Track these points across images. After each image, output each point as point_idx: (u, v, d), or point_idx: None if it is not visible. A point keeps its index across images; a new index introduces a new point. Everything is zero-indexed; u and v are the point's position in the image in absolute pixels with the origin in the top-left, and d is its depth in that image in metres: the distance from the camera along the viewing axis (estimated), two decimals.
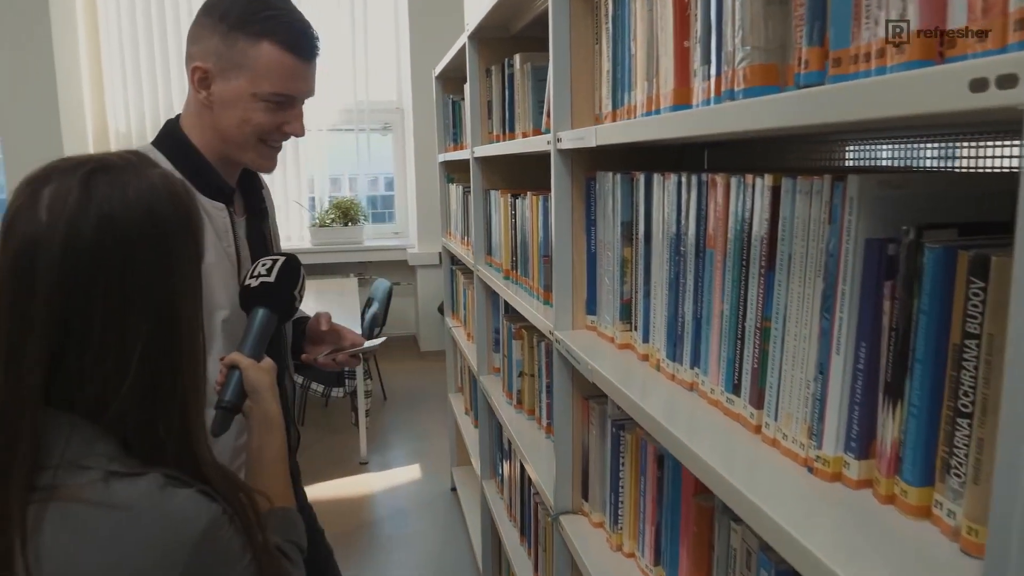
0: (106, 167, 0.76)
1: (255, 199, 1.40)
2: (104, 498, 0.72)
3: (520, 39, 2.29)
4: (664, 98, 1.02)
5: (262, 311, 1.17)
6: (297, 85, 1.24)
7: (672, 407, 1.05)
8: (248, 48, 1.20)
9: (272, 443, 1.05)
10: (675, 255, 1.11)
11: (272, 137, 1.28)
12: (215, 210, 1.27)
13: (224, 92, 1.22)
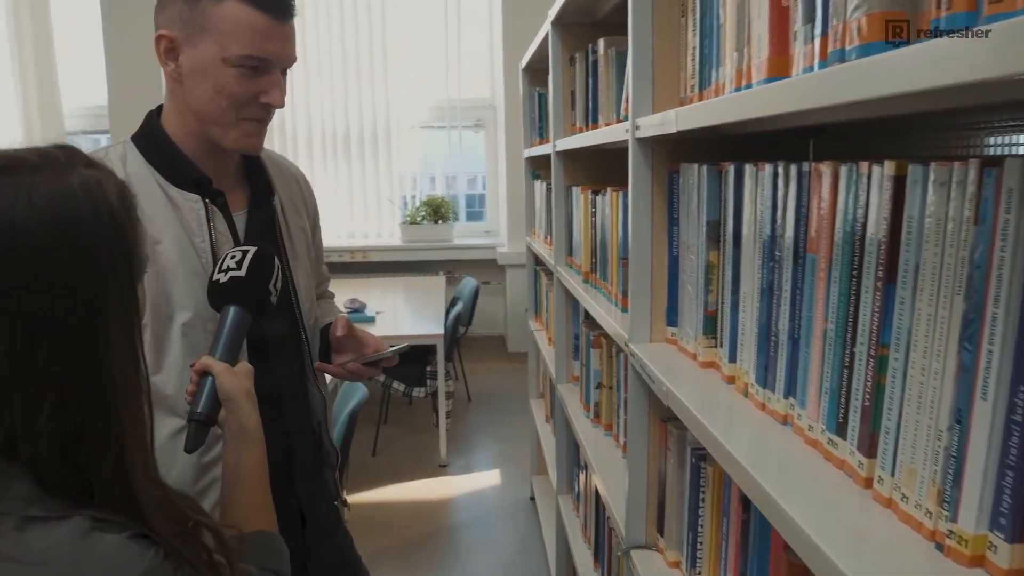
0: (13, 167, 0.65)
1: (261, 191, 1.27)
2: (16, 551, 0.61)
3: (607, 24, 2.12)
4: (757, 70, 0.84)
5: (234, 309, 1.04)
6: (270, 46, 1.11)
7: (760, 446, 0.87)
8: (212, 7, 1.08)
9: (249, 457, 0.93)
10: (769, 260, 0.93)
11: (249, 111, 1.14)
12: (186, 202, 1.16)
13: (192, 61, 1.11)
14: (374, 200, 6.01)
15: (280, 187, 1.31)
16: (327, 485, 1.38)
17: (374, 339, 1.33)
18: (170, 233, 1.14)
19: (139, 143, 1.19)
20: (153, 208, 1.13)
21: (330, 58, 5.81)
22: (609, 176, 2.18)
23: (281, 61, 1.13)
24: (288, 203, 1.32)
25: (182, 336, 1.13)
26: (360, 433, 3.93)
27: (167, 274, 1.12)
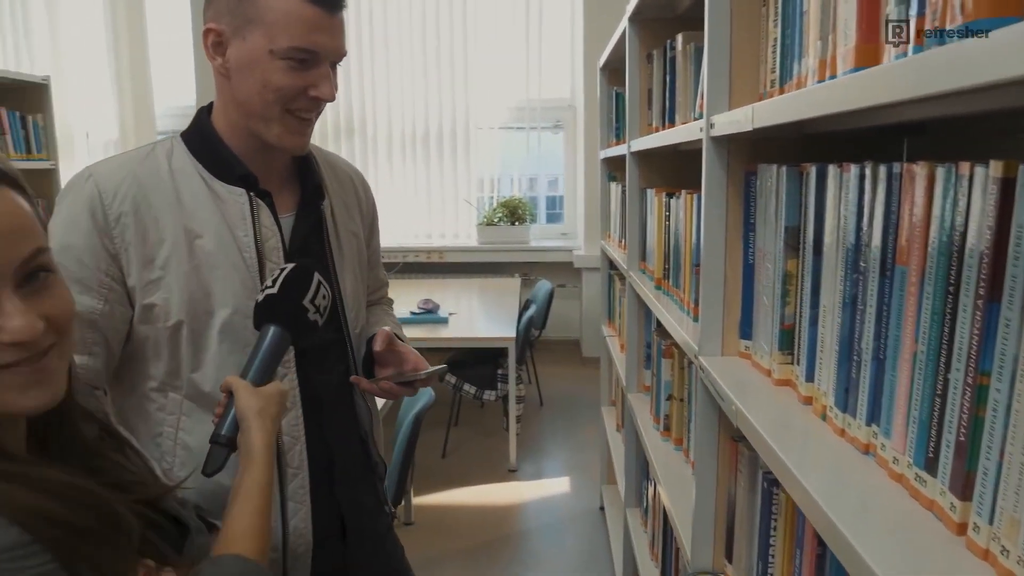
0: None
1: (313, 193, 1.24)
2: None
3: (686, 19, 2.03)
4: (842, 60, 0.75)
5: (272, 328, 1.01)
6: (320, 38, 1.07)
7: (837, 477, 0.78)
8: (258, 0, 1.05)
9: (248, 478, 0.90)
10: (852, 271, 0.84)
11: (298, 104, 1.10)
12: (230, 196, 1.14)
13: (240, 54, 1.08)
14: (452, 201, 6.02)
15: (334, 190, 1.28)
16: (373, 495, 1.34)
17: (415, 356, 1.28)
18: (211, 226, 1.12)
19: (187, 139, 1.18)
20: (195, 202, 1.12)
21: (411, 58, 5.85)
22: (686, 178, 2.09)
23: (330, 54, 1.10)
24: (340, 206, 1.29)
25: (220, 333, 1.12)
26: (430, 434, 3.94)
27: (207, 269, 1.11)
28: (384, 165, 5.95)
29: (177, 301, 1.10)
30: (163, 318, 1.11)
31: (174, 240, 1.10)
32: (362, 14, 5.80)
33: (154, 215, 1.10)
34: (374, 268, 1.43)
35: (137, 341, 1.13)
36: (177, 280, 1.10)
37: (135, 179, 1.11)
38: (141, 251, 1.09)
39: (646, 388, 2.25)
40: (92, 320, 1.09)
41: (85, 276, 1.08)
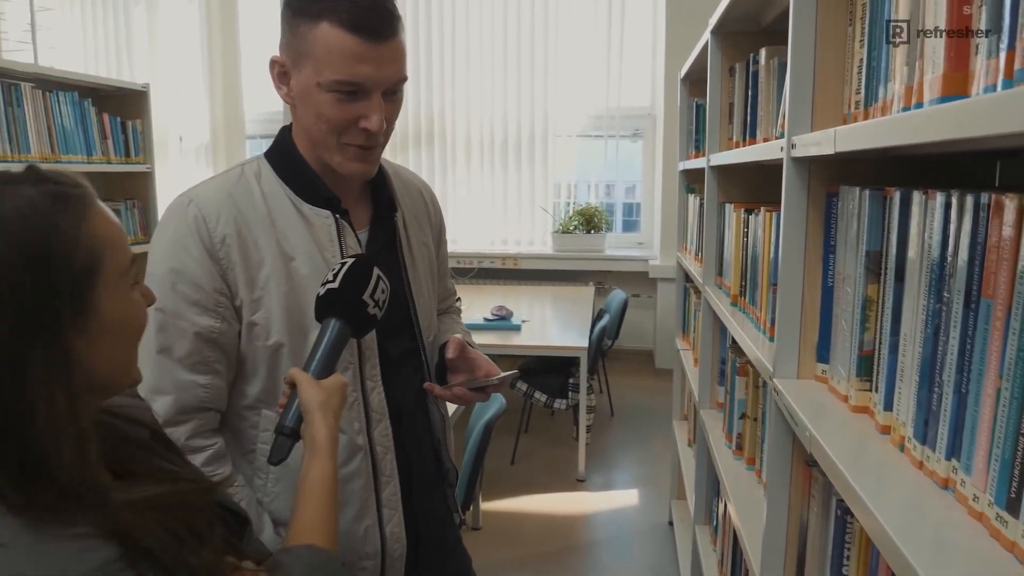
0: None
1: (385, 207, 1.26)
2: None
3: (770, 32, 2.00)
4: (929, 88, 0.74)
5: (332, 322, 1.03)
6: (363, 69, 1.06)
7: (913, 512, 0.76)
8: (308, 32, 1.06)
9: (314, 469, 0.92)
10: (935, 300, 0.82)
11: (349, 136, 1.11)
12: (317, 218, 1.17)
13: (298, 86, 1.10)
14: (528, 207, 6.05)
15: (405, 203, 1.30)
16: (444, 503, 1.37)
17: (486, 362, 1.30)
18: (303, 249, 1.15)
19: (272, 160, 1.20)
20: (287, 224, 1.15)
21: (492, 65, 5.92)
22: (766, 194, 2.06)
23: (377, 84, 1.08)
24: (411, 218, 1.31)
25: None
26: (499, 441, 3.97)
27: (301, 290, 1.14)
28: (462, 171, 6.03)
29: (276, 320, 1.13)
30: (264, 336, 1.14)
31: (272, 261, 1.13)
32: (444, 21, 5.90)
33: (253, 237, 1.13)
34: (443, 278, 1.46)
35: (238, 360, 1.17)
36: (277, 300, 1.13)
37: (233, 202, 1.14)
38: (245, 271, 1.12)
39: (719, 405, 2.22)
40: (213, 339, 1.12)
41: (202, 298, 1.11)
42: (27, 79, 3.15)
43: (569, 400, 3.85)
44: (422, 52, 5.95)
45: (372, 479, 1.20)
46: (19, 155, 3.06)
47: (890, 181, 0.99)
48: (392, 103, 1.13)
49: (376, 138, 1.12)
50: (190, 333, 1.11)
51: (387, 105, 1.11)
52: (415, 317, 1.28)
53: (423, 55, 5.95)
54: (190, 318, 1.11)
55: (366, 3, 1.05)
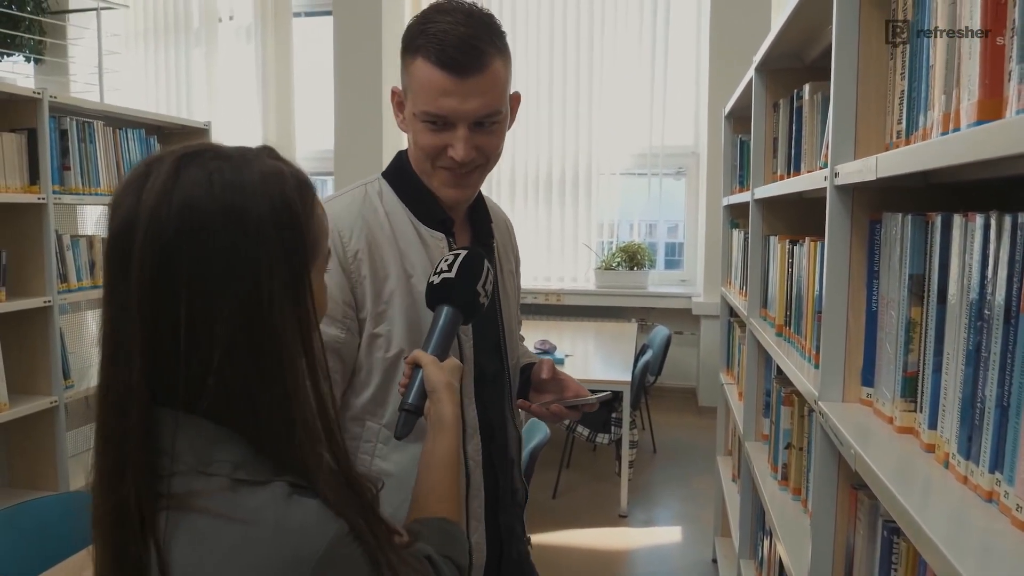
0: (208, 154, 0.72)
1: (483, 234, 1.34)
2: (227, 509, 0.68)
3: (813, 69, 2.04)
4: (965, 113, 0.78)
5: (446, 309, 1.10)
6: (447, 103, 1.13)
7: (959, 524, 0.78)
8: (409, 65, 1.16)
9: (441, 445, 0.97)
10: (976, 319, 0.85)
11: (441, 162, 1.19)
12: (432, 239, 1.24)
13: (407, 115, 1.20)
14: (571, 244, 6.11)
15: (496, 232, 1.38)
16: (520, 521, 1.42)
17: (575, 383, 1.35)
18: (420, 268, 1.21)
19: (391, 180, 1.28)
20: (407, 243, 1.23)
21: (537, 104, 6.03)
22: (810, 226, 2.08)
23: (461, 117, 1.14)
24: (502, 247, 1.39)
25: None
26: (542, 475, 3.97)
27: (420, 306, 1.19)
28: (507, 207, 6.05)
29: (398, 333, 1.20)
30: (385, 347, 1.20)
31: (395, 277, 1.20)
32: None
33: (380, 253, 1.20)
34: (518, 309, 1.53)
35: (353, 371, 1.22)
36: (400, 313, 1.20)
37: (363, 219, 1.21)
38: (373, 285, 1.19)
39: (764, 437, 2.22)
40: (336, 349, 1.17)
41: (332, 309, 1.15)
42: (98, 117, 3.33)
43: (612, 435, 3.85)
44: None
45: (464, 491, 1.25)
46: (91, 188, 3.22)
47: (931, 208, 1.02)
48: (486, 134, 1.18)
49: (465, 166, 1.18)
50: None
51: (480, 135, 1.17)
52: (504, 340, 1.35)
53: None
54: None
55: (454, 40, 1.11)
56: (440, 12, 1.14)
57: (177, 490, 0.69)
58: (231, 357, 0.69)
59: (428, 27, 1.13)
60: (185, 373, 0.70)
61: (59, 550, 1.72)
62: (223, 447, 0.71)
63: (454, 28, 1.12)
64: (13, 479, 3.16)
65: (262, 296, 0.70)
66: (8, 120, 2.93)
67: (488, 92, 1.15)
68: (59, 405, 3.06)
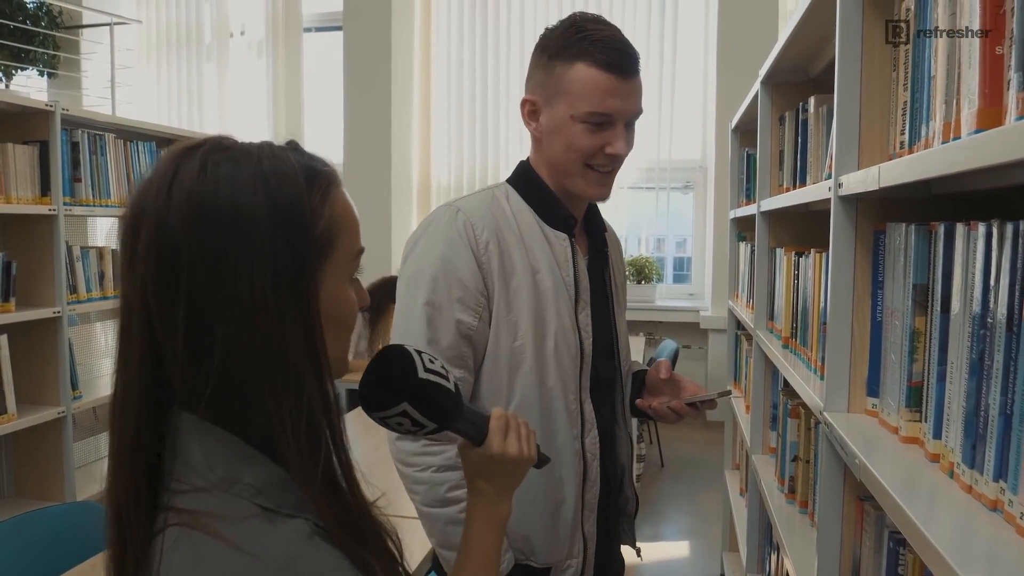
0: (207, 147, 0.70)
1: (598, 241, 1.40)
2: (240, 539, 0.64)
3: (819, 82, 2.05)
4: (966, 122, 0.78)
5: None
6: (613, 103, 1.21)
7: (964, 533, 0.78)
8: (565, 72, 1.22)
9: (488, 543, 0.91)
10: (980, 328, 0.85)
11: (596, 160, 1.25)
12: (557, 240, 1.29)
13: (549, 121, 1.25)
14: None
15: (609, 241, 1.44)
16: (630, 530, 1.46)
17: (692, 383, 1.41)
18: (545, 264, 1.27)
19: (516, 186, 1.34)
20: (533, 241, 1.28)
21: None
22: (816, 238, 2.08)
23: (623, 115, 1.23)
24: (615, 258, 1.45)
25: (553, 353, 1.26)
26: None
27: (544, 300, 1.26)
28: None
29: (525, 322, 1.25)
30: (512, 336, 1.25)
31: (522, 271, 1.26)
32: (500, 75, 6.08)
33: (508, 248, 1.26)
34: None
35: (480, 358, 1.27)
36: (526, 305, 1.25)
37: (492, 216, 1.27)
38: (501, 277, 1.24)
39: (771, 450, 2.22)
40: (469, 335, 1.24)
41: (465, 295, 1.23)
42: (109, 129, 3.36)
43: None
44: (478, 103, 6.13)
45: (582, 481, 1.29)
46: (101, 200, 3.25)
47: (934, 218, 1.02)
48: (631, 133, 1.28)
49: (617, 162, 1.27)
50: (453, 327, 1.22)
51: (629, 135, 1.27)
52: (617, 347, 1.40)
53: (479, 106, 6.13)
54: (454, 313, 1.22)
55: (617, 45, 1.22)
56: (590, 21, 1.24)
57: (195, 507, 0.66)
58: (230, 359, 0.66)
59: (588, 35, 1.21)
60: (187, 374, 0.67)
61: (65, 560, 1.72)
62: (250, 468, 0.68)
63: (614, 34, 1.22)
64: (20, 489, 3.16)
65: (255, 295, 0.66)
66: (21, 132, 2.96)
67: (640, 93, 1.27)
68: (67, 416, 3.07)
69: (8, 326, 2.87)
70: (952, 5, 0.85)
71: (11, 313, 2.84)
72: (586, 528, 1.32)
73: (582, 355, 1.29)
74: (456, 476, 1.18)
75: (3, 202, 2.81)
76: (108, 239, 3.92)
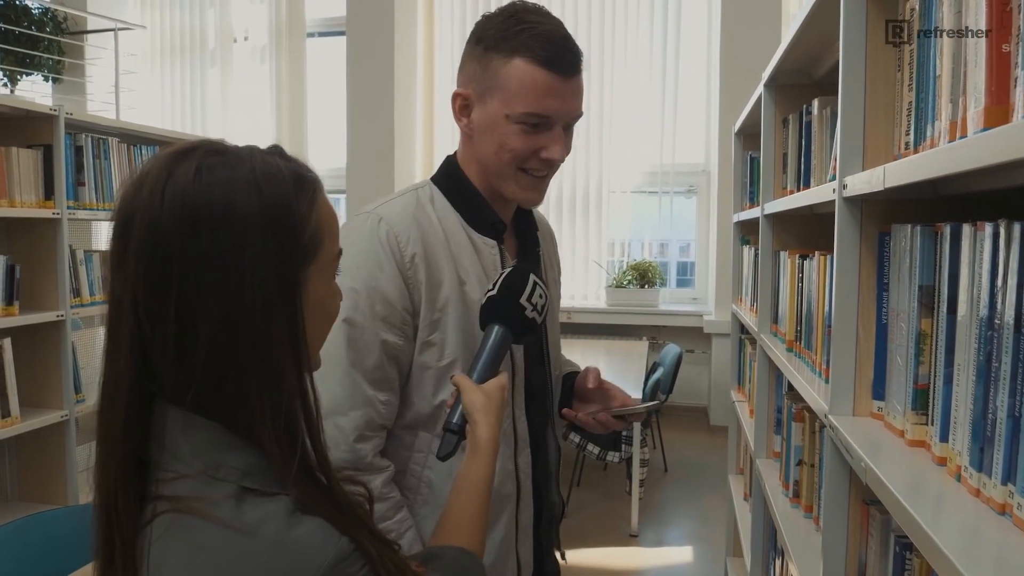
0: (202, 150, 0.72)
1: (529, 243, 1.32)
2: (230, 518, 0.66)
3: (822, 85, 2.05)
4: (972, 121, 0.77)
5: (495, 327, 1.08)
6: (552, 103, 1.13)
7: (972, 537, 0.77)
8: (501, 67, 1.12)
9: (473, 470, 0.96)
10: (987, 329, 0.84)
11: (530, 164, 1.17)
12: (485, 247, 1.22)
13: (481, 118, 1.17)
14: (582, 262, 6.11)
15: (542, 240, 1.36)
16: (555, 537, 1.41)
17: (621, 392, 1.32)
18: (473, 274, 1.20)
19: (441, 185, 1.25)
20: (460, 249, 1.20)
21: None
22: (820, 241, 2.07)
23: (562, 117, 1.15)
24: (546, 256, 1.36)
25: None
26: None
27: (472, 314, 1.17)
28: None
29: (452, 340, 1.17)
30: (438, 356, 1.17)
31: (449, 283, 1.17)
32: None
33: (435, 259, 1.17)
34: None
35: (407, 379, 1.19)
36: (454, 321, 1.17)
37: (417, 224, 1.18)
38: (428, 291, 1.16)
39: (775, 454, 2.20)
40: (394, 355, 1.15)
41: (390, 314, 1.14)
42: (113, 134, 3.36)
43: (622, 453, 3.82)
44: None
45: (516, 503, 1.24)
46: (104, 203, 3.25)
47: (940, 219, 1.01)
48: (568, 136, 1.19)
49: (552, 167, 1.18)
50: (377, 348, 1.13)
51: (567, 137, 1.18)
52: (547, 351, 1.33)
53: None
54: (378, 333, 1.13)
55: (559, 41, 1.12)
56: (530, 12, 1.14)
57: (182, 493, 0.69)
58: (217, 356, 0.69)
59: (527, 28, 1.11)
60: (174, 369, 0.69)
61: (68, 563, 1.72)
62: (234, 454, 0.70)
63: (556, 29, 1.13)
64: (23, 492, 3.16)
65: (245, 295, 0.68)
66: (25, 136, 2.97)
67: (581, 94, 1.18)
68: (70, 419, 3.07)
69: (11, 329, 2.87)
70: (957, 4, 0.84)
71: (15, 316, 2.84)
72: (521, 553, 1.25)
73: (513, 368, 1.21)
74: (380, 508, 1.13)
75: (7, 206, 2.81)
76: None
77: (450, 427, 1.02)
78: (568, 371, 1.43)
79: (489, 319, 1.09)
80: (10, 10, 6.01)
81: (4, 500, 3.13)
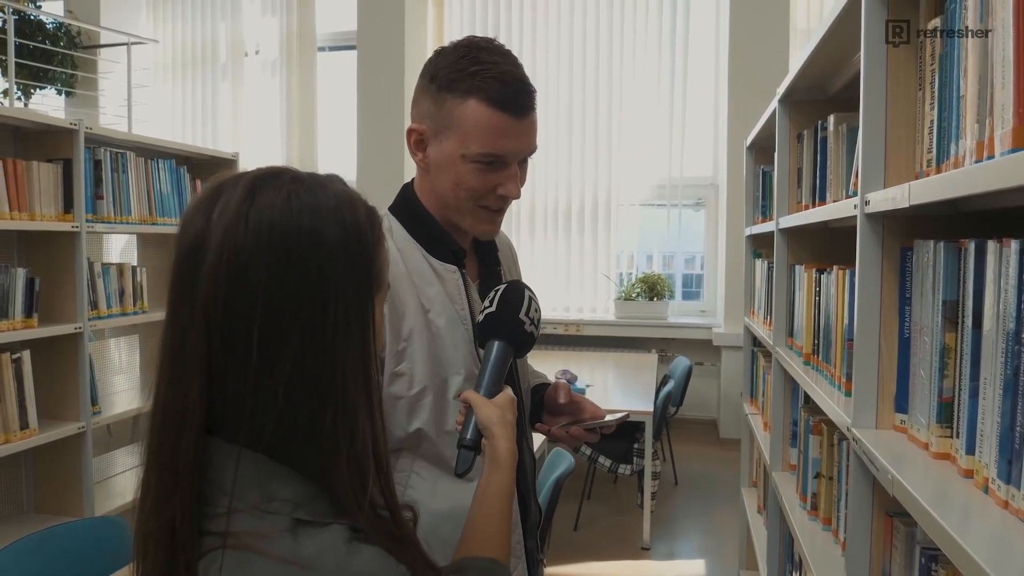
0: (285, 176, 0.72)
1: (490, 262, 1.34)
2: (287, 552, 0.66)
3: (838, 100, 2.07)
4: (1000, 142, 0.79)
5: (496, 343, 1.10)
6: (507, 143, 1.15)
7: (1003, 547, 0.79)
8: (455, 107, 1.14)
9: (494, 482, 0.97)
10: (1014, 345, 0.86)
11: (486, 201, 1.19)
12: (447, 273, 1.23)
13: (437, 155, 1.18)
14: (591, 275, 6.13)
15: (501, 257, 1.38)
16: (535, 543, 1.41)
17: (591, 405, 1.33)
18: (438, 301, 1.21)
19: (399, 215, 1.26)
20: (421, 279, 1.21)
21: (556, 135, 6.08)
22: (835, 255, 2.10)
23: (517, 155, 1.18)
24: (506, 272, 1.38)
25: (456, 399, 1.18)
26: (563, 506, 3.93)
27: (439, 340, 1.19)
28: (526, 238, 6.16)
29: (420, 370, 1.18)
30: (407, 386, 1.18)
31: (413, 313, 1.18)
32: None
33: (397, 290, 1.17)
34: None
35: None
36: (420, 350, 1.18)
37: None
38: (391, 323, 1.16)
39: (792, 466, 2.21)
40: None
41: None
42: (130, 148, 3.40)
43: (634, 466, 3.83)
44: None
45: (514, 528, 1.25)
46: (122, 217, 3.28)
47: (959, 235, 1.03)
48: (523, 170, 1.21)
49: (507, 202, 1.21)
50: None
51: (521, 172, 1.21)
52: (514, 366, 1.32)
53: None
54: None
55: (513, 82, 1.14)
56: (485, 52, 1.15)
57: (237, 528, 0.68)
58: (295, 382, 0.68)
59: (481, 70, 1.13)
60: (252, 398, 0.68)
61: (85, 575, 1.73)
62: (283, 484, 0.70)
63: (511, 70, 1.14)
64: (39, 504, 3.18)
65: (327, 322, 0.69)
66: (45, 150, 3.00)
67: (535, 131, 1.20)
68: (87, 431, 3.09)
69: (31, 342, 2.90)
70: (985, 24, 0.86)
71: (33, 329, 2.87)
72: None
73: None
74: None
75: (27, 219, 2.84)
76: (123, 255, 3.96)
77: (465, 443, 1.03)
78: (537, 382, 1.44)
79: (488, 335, 1.12)
80: (25, 25, 6.09)
81: (20, 512, 3.15)
